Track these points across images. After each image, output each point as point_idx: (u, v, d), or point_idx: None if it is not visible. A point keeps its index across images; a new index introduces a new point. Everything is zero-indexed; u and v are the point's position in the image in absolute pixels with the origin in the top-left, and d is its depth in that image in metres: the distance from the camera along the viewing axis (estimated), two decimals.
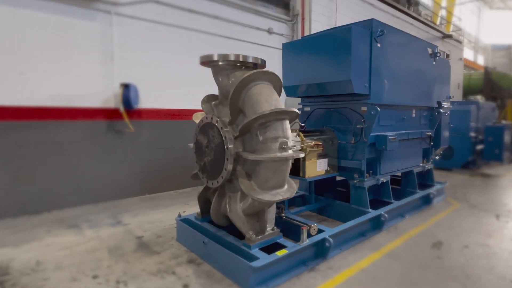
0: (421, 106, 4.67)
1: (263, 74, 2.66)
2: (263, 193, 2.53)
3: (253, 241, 2.68)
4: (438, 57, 4.70)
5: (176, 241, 3.61)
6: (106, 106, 5.39)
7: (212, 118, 2.84)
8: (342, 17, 8.09)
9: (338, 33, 3.43)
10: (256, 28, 7.42)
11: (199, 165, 3.11)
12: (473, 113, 7.10)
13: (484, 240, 3.45)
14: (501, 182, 6.50)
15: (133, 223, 4.29)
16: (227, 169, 2.70)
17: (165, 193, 5.98)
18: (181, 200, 5.39)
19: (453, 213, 4.43)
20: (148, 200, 5.49)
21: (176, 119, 6.26)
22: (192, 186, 6.40)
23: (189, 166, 6.32)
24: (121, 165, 5.56)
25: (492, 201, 5.10)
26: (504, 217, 4.23)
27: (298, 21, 7.88)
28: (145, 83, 5.70)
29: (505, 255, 3.06)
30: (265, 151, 2.49)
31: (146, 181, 5.84)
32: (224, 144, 2.70)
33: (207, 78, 6.46)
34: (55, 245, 3.54)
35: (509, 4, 27.16)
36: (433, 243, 3.38)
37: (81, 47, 5.02)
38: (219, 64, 2.85)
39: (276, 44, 7.86)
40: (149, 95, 5.76)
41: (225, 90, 2.85)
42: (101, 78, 5.31)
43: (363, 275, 2.70)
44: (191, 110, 6.39)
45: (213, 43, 6.58)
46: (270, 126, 2.51)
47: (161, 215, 4.62)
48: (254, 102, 2.57)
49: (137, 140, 5.71)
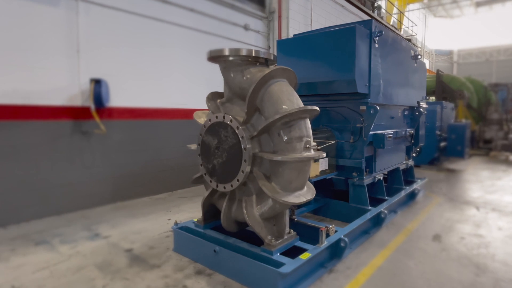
0: (406, 105, 5.01)
1: (282, 71, 2.62)
2: (287, 195, 2.49)
3: (273, 246, 2.62)
4: (419, 59, 5.08)
5: (173, 251, 3.39)
6: (72, 104, 4.90)
7: (225, 117, 2.72)
8: (317, 17, 8.36)
9: (342, 31, 3.52)
10: (232, 24, 7.33)
11: (206, 168, 2.95)
12: (438, 112, 7.82)
13: (475, 230, 3.81)
14: (466, 176, 7.26)
15: (115, 235, 3.95)
16: (244, 172, 2.60)
17: (139, 200, 5.61)
18: (160, 207, 5.10)
19: (438, 207, 4.83)
20: (121, 208, 5.10)
21: (150, 119, 5.91)
22: (167, 191, 6.10)
23: (164, 169, 6.04)
24: (89, 171, 5.09)
25: (467, 194, 5.67)
26: (483, 209, 4.73)
27: (274, 18, 7.95)
28: (116, 78, 5.29)
29: (499, 243, 3.42)
30: (290, 151, 2.46)
31: (118, 187, 5.42)
32: (242, 144, 2.60)
33: (185, 74, 6.32)
34: (27, 266, 3.11)
35: (450, 13, 30.51)
36: (433, 236, 3.65)
37: (42, 36, 4.49)
38: (230, 59, 2.73)
39: (252, 41, 7.85)
40: (120, 92, 5.36)
41: (238, 87, 2.74)
42: (65, 72, 4.80)
43: (383, 273, 2.81)
44: (167, 109, 6.11)
45: (189, 37, 6.36)
46: (295, 125, 2.48)
47: (144, 225, 4.32)
48: (276, 100, 2.52)
49: (107, 143, 5.27)
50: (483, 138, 11.35)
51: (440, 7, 28.68)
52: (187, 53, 6.37)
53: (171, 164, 6.23)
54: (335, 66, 3.61)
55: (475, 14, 29.28)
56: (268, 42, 8.17)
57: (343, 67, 3.53)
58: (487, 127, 11.33)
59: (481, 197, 5.39)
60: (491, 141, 11.11)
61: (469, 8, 28.23)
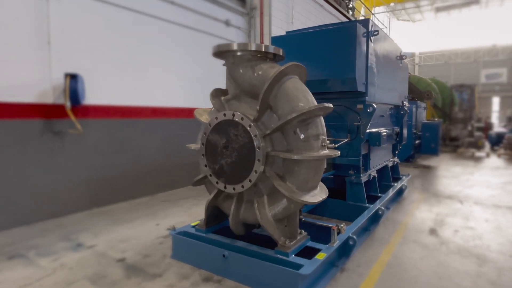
0: (393, 104, 5.23)
1: (296, 68, 2.60)
2: (303, 195, 2.47)
3: (288, 247, 2.59)
4: (404, 59, 5.33)
5: (172, 258, 3.24)
6: (42, 101, 4.52)
7: (234, 114, 2.64)
8: (298, 16, 8.48)
9: (343, 29, 3.58)
10: (214, 19, 7.19)
11: (212, 168, 2.84)
12: (414, 112, 8.28)
13: (465, 223, 4.08)
14: (441, 172, 7.77)
15: (101, 244, 3.69)
16: (258, 171, 2.54)
17: (118, 205, 5.31)
18: (144, 212, 4.86)
19: (425, 202, 5.12)
20: (99, 215, 4.80)
21: (129, 118, 5.62)
22: (148, 195, 5.85)
23: (144, 171, 5.77)
24: (62, 175, 4.72)
25: (447, 189, 6.04)
26: (466, 202, 5.07)
27: (255, 15, 7.93)
28: (91, 74, 4.95)
29: (490, 235, 3.69)
30: (308, 149, 2.44)
31: (94, 192, 5.09)
32: (255, 143, 2.53)
33: (166, 70, 6.08)
34: (5, 284, 2.80)
35: (412, 17, 32.53)
36: (429, 230, 3.85)
37: (7, 25, 4.09)
38: (240, 54, 2.66)
39: (233, 37, 7.77)
40: (96, 89, 5.03)
41: (248, 83, 2.68)
42: (34, 65, 4.42)
43: (393, 269, 2.91)
44: (148, 107, 5.85)
45: (169, 32, 6.14)
46: (311, 123, 2.47)
47: (131, 231, 4.09)
48: (291, 97, 2.49)
49: (82, 144, 4.92)
50: (449, 136, 12.24)
51: (403, 11, 30.47)
52: (167, 48, 6.14)
53: (152, 166, 5.97)
54: (334, 64, 3.66)
55: (435, 19, 31.48)
56: (249, 39, 8.12)
57: (343, 65, 3.59)
58: (452, 125, 12.23)
59: (461, 192, 5.78)
60: (456, 139, 12.01)
61: (430, 13, 30.27)
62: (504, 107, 30.93)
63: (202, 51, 6.96)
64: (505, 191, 5.81)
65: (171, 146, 6.34)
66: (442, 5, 28.64)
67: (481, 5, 26.89)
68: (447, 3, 27.49)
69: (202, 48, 6.96)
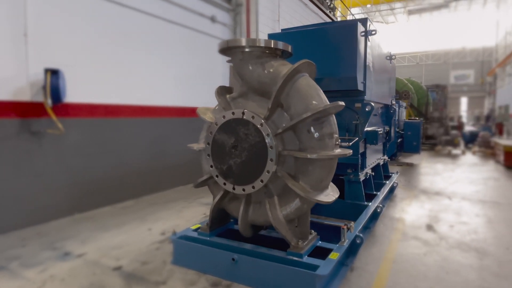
0: (384, 103, 5.39)
1: (308, 65, 2.59)
2: (318, 195, 2.47)
3: (301, 248, 2.58)
4: (394, 59, 5.51)
5: (173, 264, 3.13)
6: (18, 99, 4.23)
7: (245, 113, 2.58)
8: (283, 14, 8.53)
9: (344, 27, 3.62)
10: (199, 14, 7.06)
11: (219, 169, 2.77)
12: (397, 111, 8.59)
13: (458, 218, 4.28)
14: (424, 170, 8.13)
15: (91, 252, 3.50)
16: (270, 171, 2.51)
17: (102, 210, 5.08)
18: (132, 217, 4.68)
19: (416, 199, 5.32)
20: (83, 220, 4.56)
21: (113, 117, 5.39)
22: (133, 198, 5.64)
23: (129, 173, 5.54)
24: (40, 178, 4.45)
25: (434, 186, 6.31)
26: (454, 198, 5.33)
27: (241, 11, 7.87)
28: (72, 70, 4.69)
29: (483, 229, 3.90)
30: (322, 148, 2.44)
31: (75, 196, 4.83)
32: (267, 142, 2.50)
33: (150, 67, 5.87)
34: None
35: (386, 19, 33.84)
36: (425, 226, 3.99)
37: None
38: (249, 51, 2.61)
39: (219, 34, 7.66)
40: (78, 86, 4.78)
41: (257, 81, 2.63)
42: (9, 60, 4.13)
43: (401, 265, 2.98)
44: (132, 106, 5.64)
45: (154, 26, 5.95)
46: (326, 121, 2.47)
47: (122, 237, 3.92)
48: (305, 95, 2.48)
49: (62, 145, 4.66)
50: (426, 134, 12.84)
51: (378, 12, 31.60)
52: (153, 44, 5.94)
53: (137, 167, 5.75)
54: (334, 63, 3.70)
55: (407, 22, 32.91)
56: (235, 36, 8.05)
57: (343, 64, 3.63)
58: (429, 124, 12.84)
59: (447, 188, 6.07)
60: (433, 137, 12.63)
61: (403, 15, 31.60)
62: (471, 107, 33.03)
63: (189, 48, 6.82)
64: (487, 187, 6.17)
65: (157, 147, 6.16)
66: (414, 8, 30.01)
67: (450, 9, 28.45)
68: (419, 6, 28.86)
69: (189, 44, 6.82)
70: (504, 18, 27.86)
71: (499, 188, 6.09)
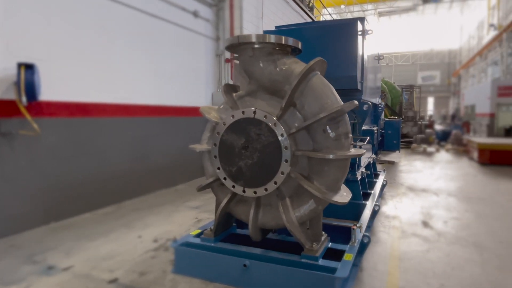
0: (373, 102, 5.53)
1: (321, 63, 2.58)
2: (333, 195, 2.46)
3: (316, 251, 2.56)
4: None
5: (175, 274, 2.99)
6: None
7: (256, 112, 2.52)
8: (266, 11, 8.52)
9: (345, 26, 3.66)
10: (181, 9, 6.86)
11: (227, 171, 2.68)
12: None
13: (450, 214, 4.49)
14: (406, 167, 8.48)
15: (79, 264, 3.28)
16: (285, 173, 2.46)
17: (81, 218, 4.79)
18: (116, 224, 4.45)
19: (405, 196, 5.54)
20: (61, 229, 4.27)
21: (91, 116, 5.09)
22: (113, 203, 5.36)
23: (109, 177, 5.26)
24: (12, 184, 4.11)
25: (419, 183, 6.59)
26: (441, 195, 5.60)
27: (224, 7, 7.76)
28: (47, 65, 4.36)
29: (475, 224, 4.12)
30: (339, 148, 2.43)
31: (50, 203, 4.52)
32: (281, 143, 2.45)
33: (130, 63, 5.60)
34: None
35: None
36: (421, 223, 4.15)
37: None
38: (260, 47, 2.55)
39: (202, 30, 7.50)
40: (53, 83, 4.47)
41: (269, 79, 2.58)
42: None
43: (407, 263, 3.06)
44: (113, 104, 5.37)
45: (134, 20, 5.70)
46: (342, 120, 2.47)
47: (110, 247, 3.71)
48: (320, 94, 2.46)
49: (36, 147, 4.33)
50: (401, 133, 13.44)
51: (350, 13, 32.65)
52: (134, 38, 5.68)
53: (118, 170, 5.48)
54: (334, 62, 3.71)
55: (377, 23, 34.28)
56: (218, 32, 7.92)
57: (344, 63, 3.67)
58: (404, 123, 13.45)
59: (432, 185, 6.38)
60: (407, 136, 13.24)
61: (373, 17, 32.89)
62: (437, 106, 35.15)
63: (171, 43, 6.60)
64: (468, 183, 6.57)
65: (138, 148, 5.90)
66: (384, 10, 31.34)
67: (418, 12, 30.02)
68: (389, 9, 30.17)
69: (170, 40, 6.60)
70: (467, 23, 29.90)
71: (479, 184, 6.49)
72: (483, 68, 24.66)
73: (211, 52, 7.82)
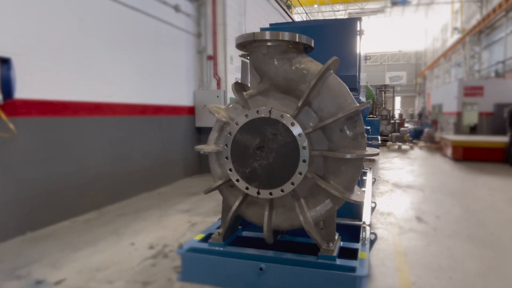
0: (362, 101, 5.72)
1: (336, 62, 2.61)
2: (351, 195, 2.51)
3: (332, 251, 2.60)
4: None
5: (182, 281, 2.91)
6: None
7: (272, 111, 2.50)
8: (248, 8, 8.50)
9: (345, 25, 3.73)
10: (162, 2, 6.65)
11: (240, 172, 2.64)
12: None
13: (439, 209, 4.75)
14: (387, 164, 8.86)
15: (71, 277, 3.09)
16: (302, 173, 2.47)
17: (60, 226, 4.52)
18: (102, 231, 4.24)
19: (393, 192, 5.80)
20: (40, 240, 4.00)
21: (69, 116, 4.82)
22: (94, 209, 5.12)
23: (89, 181, 5.00)
24: None
25: (403, 179, 6.92)
26: (427, 191, 5.91)
27: (207, 2, 7.63)
28: (20, 60, 4.05)
29: (464, 217, 4.39)
30: (356, 147, 2.48)
31: (26, 212, 4.23)
32: (299, 143, 2.46)
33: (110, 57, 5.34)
34: None
35: None
36: (415, 218, 4.35)
37: None
38: (274, 45, 2.54)
39: (183, 25, 7.33)
40: (27, 79, 4.17)
41: (283, 77, 2.57)
42: None
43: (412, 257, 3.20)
44: (92, 103, 5.11)
45: (113, 12, 5.44)
46: (358, 120, 2.52)
47: (102, 256, 3.53)
48: (337, 93, 2.50)
49: (8, 150, 4.04)
50: None
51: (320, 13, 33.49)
52: (113, 32, 5.42)
53: (98, 173, 5.22)
54: None
55: None
56: (199, 28, 7.78)
57: (344, 62, 3.73)
58: None
59: (415, 181, 6.72)
60: (381, 134, 13.85)
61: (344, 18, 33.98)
62: (404, 105, 37.10)
63: (151, 39, 6.38)
64: (448, 178, 7.01)
65: (118, 149, 5.66)
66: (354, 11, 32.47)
67: (386, 14, 31.42)
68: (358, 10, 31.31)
69: (151, 35, 6.38)
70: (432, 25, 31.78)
71: (458, 179, 6.94)
72: (447, 69, 26.38)
73: (192, 49, 7.67)
